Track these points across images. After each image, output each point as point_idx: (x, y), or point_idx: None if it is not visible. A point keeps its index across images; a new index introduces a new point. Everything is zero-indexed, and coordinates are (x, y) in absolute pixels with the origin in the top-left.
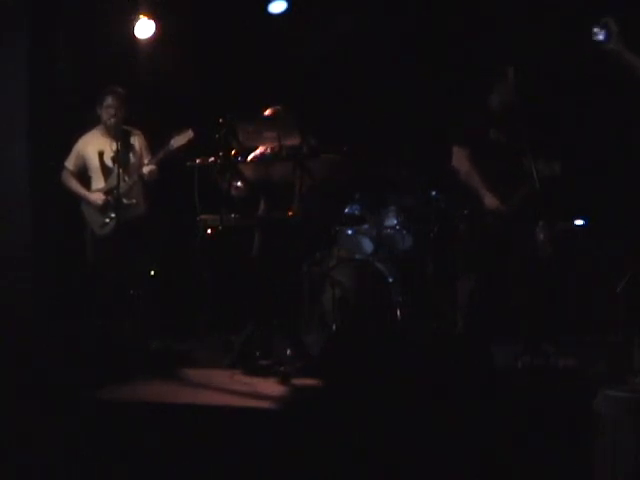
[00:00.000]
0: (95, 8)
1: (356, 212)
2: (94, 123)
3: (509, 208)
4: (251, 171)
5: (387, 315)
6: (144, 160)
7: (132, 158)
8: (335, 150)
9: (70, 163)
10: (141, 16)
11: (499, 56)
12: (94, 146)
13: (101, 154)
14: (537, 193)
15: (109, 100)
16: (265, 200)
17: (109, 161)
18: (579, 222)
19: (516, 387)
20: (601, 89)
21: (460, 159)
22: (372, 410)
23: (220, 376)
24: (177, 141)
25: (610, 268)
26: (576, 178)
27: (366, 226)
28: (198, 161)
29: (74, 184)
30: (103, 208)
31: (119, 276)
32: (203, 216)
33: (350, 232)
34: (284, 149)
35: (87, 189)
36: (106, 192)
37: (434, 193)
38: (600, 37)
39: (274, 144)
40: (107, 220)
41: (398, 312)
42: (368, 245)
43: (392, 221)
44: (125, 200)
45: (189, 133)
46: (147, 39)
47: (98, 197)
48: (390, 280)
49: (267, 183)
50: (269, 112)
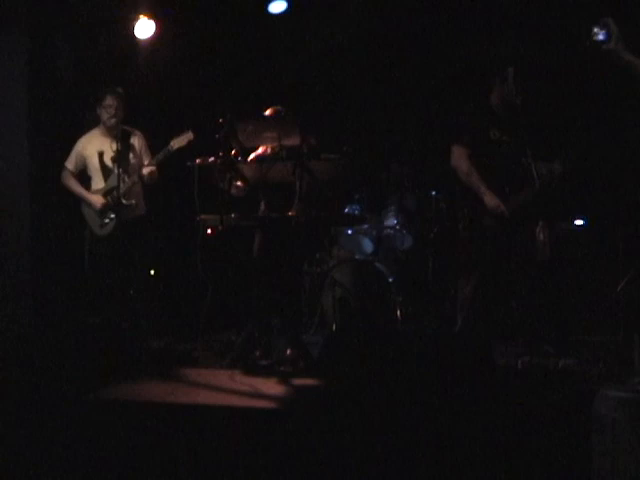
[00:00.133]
0: (95, 8)
1: (356, 212)
2: (94, 123)
3: (509, 208)
4: (251, 171)
5: (387, 315)
6: (144, 160)
7: (132, 158)
8: (335, 150)
9: (70, 163)
10: (141, 16)
11: (499, 56)
12: (94, 146)
13: (101, 154)
14: (537, 193)
15: (109, 100)
16: (265, 200)
17: (109, 161)
18: (579, 222)
19: (516, 387)
20: (601, 89)
21: (459, 159)
22: (372, 410)
23: (220, 376)
24: (177, 142)
25: (610, 268)
26: (576, 178)
27: (366, 226)
28: (198, 161)
29: (74, 184)
30: (103, 208)
31: (119, 276)
32: (203, 216)
33: (350, 232)
34: (284, 149)
35: (87, 189)
36: (106, 192)
37: (434, 193)
38: (600, 37)
39: (274, 144)
40: (107, 220)
41: (398, 312)
42: (368, 245)
43: (392, 221)
44: (125, 200)
45: (189, 134)
46: (147, 39)
47: (97, 199)
48: (390, 280)
49: (267, 183)
50: (269, 112)
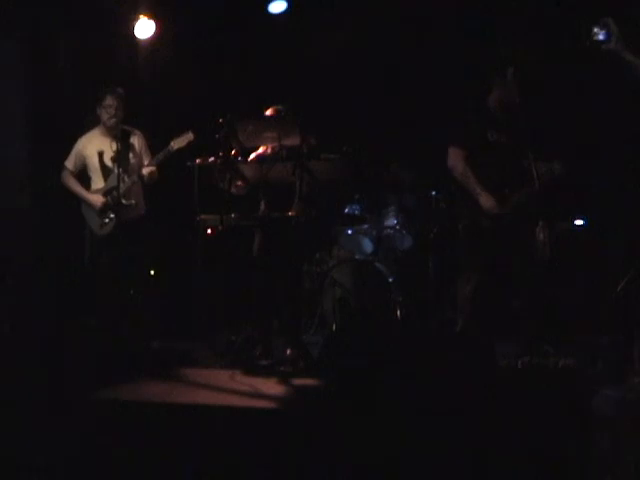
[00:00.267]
0: (95, 8)
1: (356, 212)
2: (94, 123)
3: (505, 209)
4: (251, 171)
5: (387, 315)
6: (144, 160)
7: (132, 158)
8: (335, 150)
9: (70, 163)
10: (141, 16)
11: (499, 56)
12: (94, 146)
13: (101, 154)
14: (537, 193)
15: (109, 100)
16: (265, 200)
17: (109, 161)
18: (579, 222)
19: (516, 387)
20: (601, 89)
21: (455, 160)
22: (372, 410)
23: (220, 376)
24: (177, 143)
25: (610, 268)
26: (576, 178)
27: (366, 226)
28: (198, 161)
29: (74, 184)
30: (103, 208)
31: (119, 276)
32: (203, 216)
33: (350, 232)
34: (284, 149)
35: (87, 189)
36: (106, 192)
37: (434, 193)
38: (600, 37)
39: (274, 144)
40: (107, 220)
41: (398, 312)
42: (368, 245)
43: (392, 221)
44: (124, 200)
45: (189, 135)
46: (147, 39)
47: (97, 199)
48: (390, 280)
49: (267, 183)
50: (270, 111)
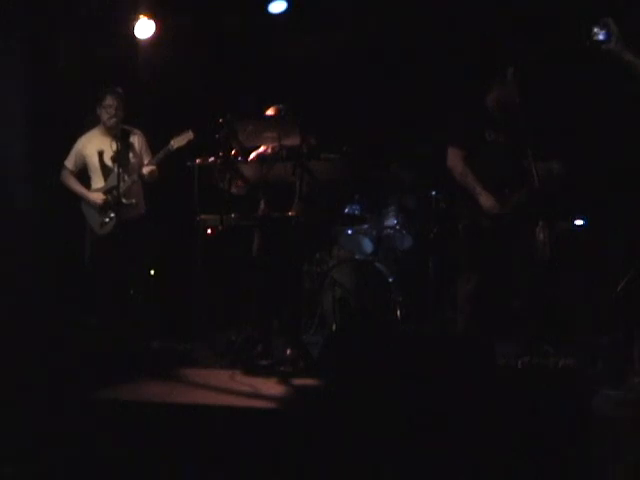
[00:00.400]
0: (95, 8)
1: (356, 212)
2: (94, 123)
3: (505, 209)
4: (251, 171)
5: (387, 315)
6: (144, 160)
7: (132, 158)
8: (335, 150)
9: (70, 163)
10: (141, 16)
11: (498, 56)
12: (94, 145)
13: (101, 154)
14: (537, 193)
15: (109, 100)
16: (265, 200)
17: (109, 161)
18: (579, 222)
19: (516, 387)
20: (601, 89)
21: (455, 159)
22: (372, 410)
23: (220, 376)
24: (177, 142)
25: (610, 268)
26: (576, 178)
27: (366, 226)
28: (198, 161)
29: (74, 183)
30: (103, 208)
31: (119, 276)
32: (203, 216)
33: (350, 232)
34: (284, 149)
35: (87, 188)
36: (106, 192)
37: (434, 193)
38: (600, 37)
39: (274, 144)
40: (107, 220)
41: (398, 312)
42: (368, 245)
43: (392, 221)
44: (125, 200)
45: (189, 134)
46: (147, 39)
47: (98, 197)
48: (390, 280)
49: (267, 183)
50: (272, 111)
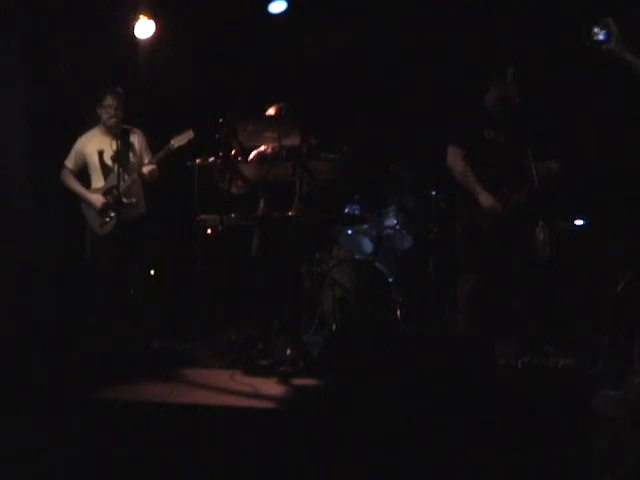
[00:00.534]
0: (95, 8)
1: (356, 212)
2: (94, 123)
3: (505, 208)
4: (251, 171)
5: (387, 315)
6: (144, 159)
7: (132, 157)
8: (335, 150)
9: (70, 162)
10: (141, 16)
11: (498, 56)
12: (94, 145)
13: (101, 153)
14: (537, 193)
15: (109, 100)
16: (265, 200)
17: (109, 160)
18: (579, 222)
19: (516, 387)
20: (601, 89)
21: (455, 159)
22: (372, 410)
23: (220, 376)
24: (177, 141)
25: (610, 268)
26: (576, 178)
27: (366, 226)
28: (198, 161)
29: (74, 183)
30: (103, 207)
31: (119, 276)
32: (203, 216)
33: (350, 232)
34: (284, 149)
35: (87, 188)
36: (106, 191)
37: (434, 193)
38: (600, 37)
39: (274, 144)
40: (107, 219)
41: (398, 312)
42: (368, 245)
43: (392, 221)
44: (125, 199)
45: (189, 133)
46: (147, 39)
47: (97, 199)
48: (390, 280)
49: (267, 183)
50: (273, 110)
